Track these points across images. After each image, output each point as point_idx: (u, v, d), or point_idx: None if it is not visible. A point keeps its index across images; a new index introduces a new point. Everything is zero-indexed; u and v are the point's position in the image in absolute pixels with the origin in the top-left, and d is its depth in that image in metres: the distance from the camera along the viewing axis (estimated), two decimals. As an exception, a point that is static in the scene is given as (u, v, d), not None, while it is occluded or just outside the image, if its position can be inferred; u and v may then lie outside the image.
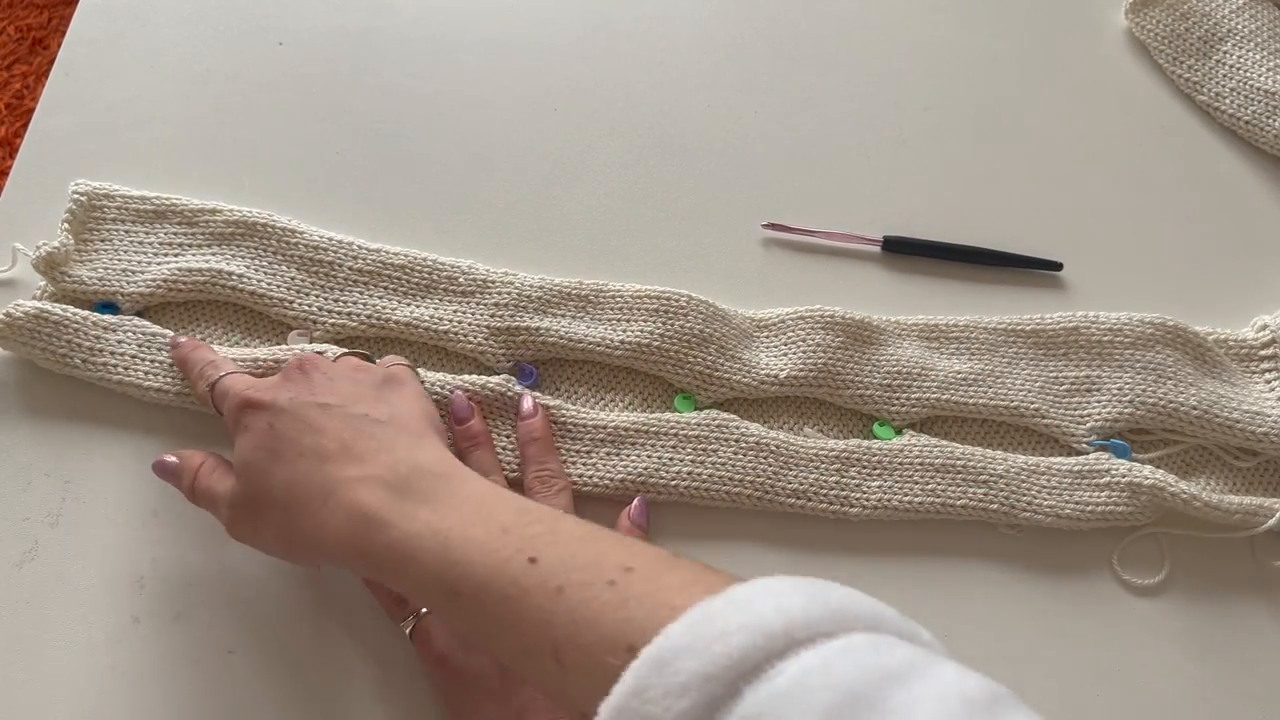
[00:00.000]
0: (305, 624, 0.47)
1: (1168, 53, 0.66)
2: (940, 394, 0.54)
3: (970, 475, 0.52)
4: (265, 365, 0.50)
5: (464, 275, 0.55)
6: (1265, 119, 0.62)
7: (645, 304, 0.54)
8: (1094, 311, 0.57)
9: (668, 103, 0.64)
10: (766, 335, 0.55)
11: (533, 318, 0.54)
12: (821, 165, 0.63)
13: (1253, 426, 0.53)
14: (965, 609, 0.50)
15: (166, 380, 0.51)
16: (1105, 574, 0.52)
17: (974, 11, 0.69)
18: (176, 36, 0.63)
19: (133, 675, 0.46)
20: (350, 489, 0.38)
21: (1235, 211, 0.63)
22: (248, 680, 0.46)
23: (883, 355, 0.55)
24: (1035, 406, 0.54)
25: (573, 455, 0.51)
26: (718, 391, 0.53)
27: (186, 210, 0.56)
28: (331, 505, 0.38)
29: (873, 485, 0.51)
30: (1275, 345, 0.56)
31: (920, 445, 0.53)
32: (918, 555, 0.51)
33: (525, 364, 0.54)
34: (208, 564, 0.48)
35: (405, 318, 0.54)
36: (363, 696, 0.46)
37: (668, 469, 0.51)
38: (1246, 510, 0.51)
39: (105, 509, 0.49)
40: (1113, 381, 0.55)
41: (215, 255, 0.54)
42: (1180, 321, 0.56)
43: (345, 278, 0.54)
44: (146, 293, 0.53)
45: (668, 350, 0.53)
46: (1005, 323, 0.56)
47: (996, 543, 0.52)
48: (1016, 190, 0.63)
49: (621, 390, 0.54)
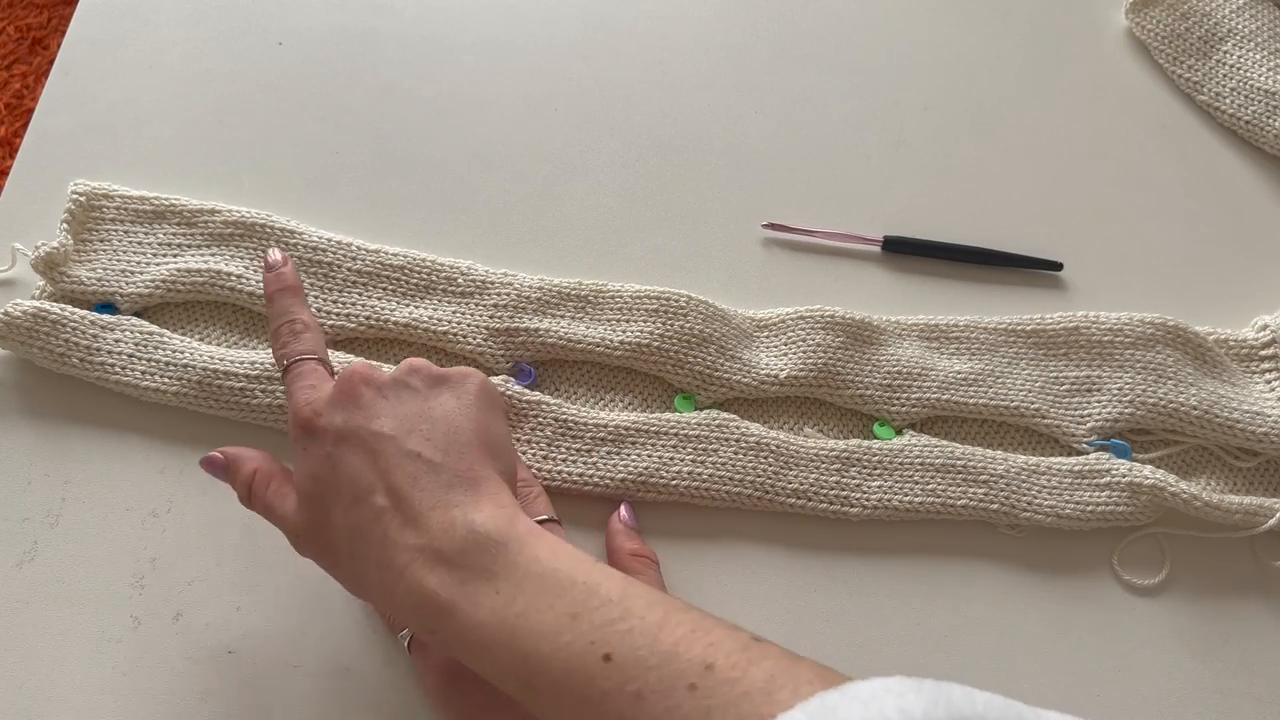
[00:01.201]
0: (306, 624, 0.47)
1: (1168, 52, 0.66)
2: (940, 394, 0.54)
3: (970, 475, 0.52)
4: None
5: (463, 276, 0.55)
6: (1266, 119, 0.62)
7: (645, 304, 0.54)
8: (1094, 311, 0.57)
9: (668, 103, 0.64)
10: (766, 335, 0.55)
11: (531, 318, 0.54)
12: (821, 165, 0.62)
13: (1253, 426, 0.53)
14: (966, 609, 0.50)
15: (164, 380, 0.51)
16: (1105, 574, 0.52)
17: (974, 11, 0.69)
18: (176, 36, 0.63)
19: (133, 675, 0.46)
20: (411, 568, 0.37)
21: (1235, 211, 0.63)
22: (248, 680, 0.46)
23: (883, 355, 0.55)
24: (1035, 406, 0.54)
25: (572, 454, 0.51)
26: (718, 391, 0.53)
27: (185, 210, 0.56)
28: (393, 578, 0.37)
29: (873, 485, 0.51)
30: (1276, 345, 0.56)
31: (920, 445, 0.53)
32: (918, 555, 0.51)
33: (524, 364, 0.54)
34: (208, 564, 0.48)
35: (404, 319, 0.54)
36: (363, 697, 0.46)
37: (668, 469, 0.51)
38: (1246, 510, 0.51)
39: (105, 509, 0.49)
40: (1113, 381, 0.55)
41: (214, 255, 0.54)
42: (1180, 321, 0.56)
43: (344, 279, 0.54)
44: (145, 293, 0.53)
45: (667, 350, 0.53)
46: (1005, 323, 0.56)
47: (997, 543, 0.52)
48: (1016, 190, 0.63)
49: (621, 390, 0.54)
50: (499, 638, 0.35)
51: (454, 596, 0.36)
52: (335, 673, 0.46)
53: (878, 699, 0.28)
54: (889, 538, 0.52)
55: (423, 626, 0.37)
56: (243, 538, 0.49)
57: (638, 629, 0.33)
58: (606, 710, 0.32)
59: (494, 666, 0.35)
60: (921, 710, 0.28)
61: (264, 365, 0.51)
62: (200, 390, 0.51)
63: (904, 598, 0.50)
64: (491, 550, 0.36)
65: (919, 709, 0.28)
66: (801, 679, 0.31)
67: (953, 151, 0.64)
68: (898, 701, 0.28)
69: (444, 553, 0.36)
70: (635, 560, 0.47)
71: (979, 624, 0.50)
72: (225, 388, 0.51)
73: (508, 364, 0.53)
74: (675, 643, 0.33)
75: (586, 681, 0.33)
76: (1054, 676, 0.49)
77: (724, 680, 0.31)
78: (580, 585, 0.35)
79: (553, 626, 0.34)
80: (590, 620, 0.34)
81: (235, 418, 0.51)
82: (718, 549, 0.51)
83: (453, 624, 0.36)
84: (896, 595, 0.50)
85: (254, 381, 0.51)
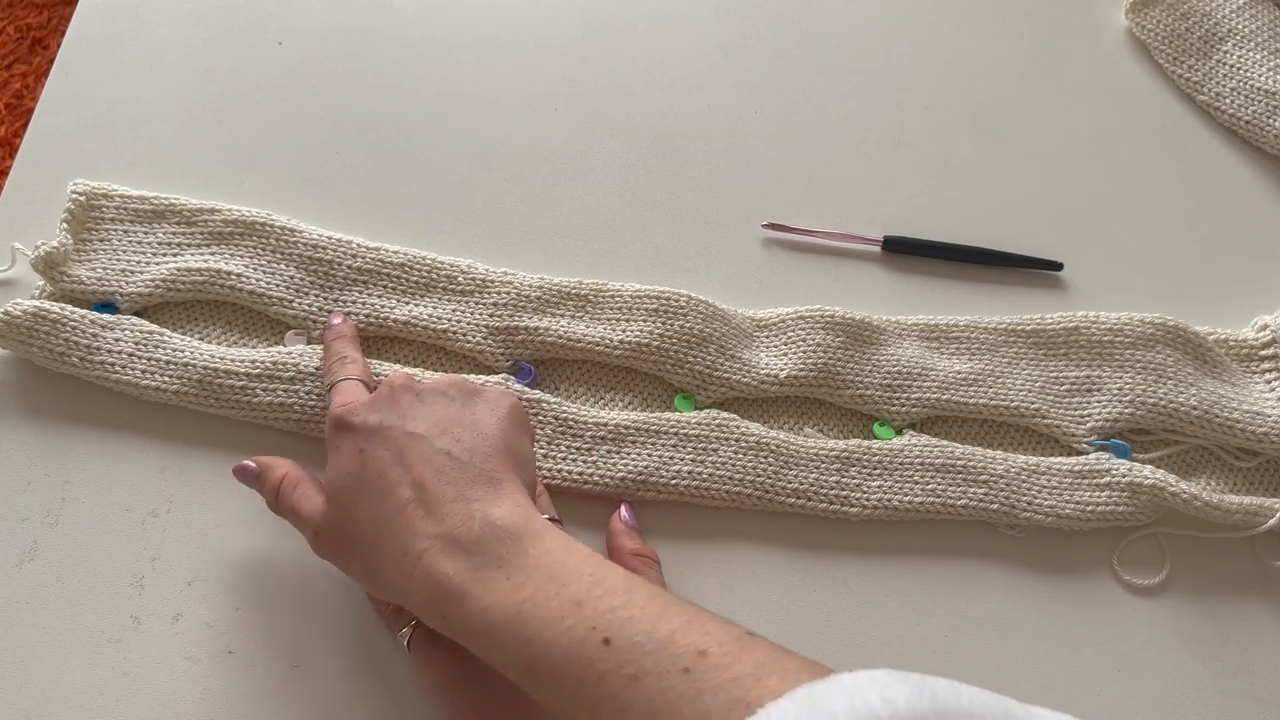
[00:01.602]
0: (306, 624, 0.47)
1: (1168, 52, 0.66)
2: (940, 394, 0.54)
3: (970, 475, 0.52)
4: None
5: (463, 274, 0.55)
6: (1266, 119, 0.62)
7: (645, 304, 0.54)
8: (1094, 311, 0.57)
9: (668, 103, 0.64)
10: (766, 335, 0.55)
11: (531, 317, 0.54)
12: (821, 165, 0.62)
13: (1253, 426, 0.53)
14: (966, 608, 0.50)
15: (164, 379, 0.51)
16: (1105, 574, 0.52)
17: (974, 11, 0.69)
18: (176, 36, 0.63)
19: (133, 675, 0.46)
20: (428, 555, 0.38)
21: (1236, 211, 0.63)
22: (248, 680, 0.46)
23: (883, 355, 0.55)
24: (1035, 406, 0.54)
25: (573, 453, 0.51)
26: (718, 391, 0.53)
27: (185, 210, 0.56)
28: (409, 564, 0.38)
29: (873, 485, 0.51)
30: (1276, 345, 0.56)
31: (920, 445, 0.53)
32: (918, 555, 0.51)
33: (524, 363, 0.54)
34: (208, 564, 0.48)
35: (404, 316, 0.54)
36: (363, 697, 0.46)
37: (668, 468, 0.51)
38: (1246, 510, 0.51)
39: (105, 509, 0.49)
40: (1113, 381, 0.55)
41: (214, 255, 0.54)
42: (1180, 321, 0.56)
43: (344, 276, 0.54)
44: (145, 292, 0.53)
45: (667, 350, 0.53)
46: (1005, 323, 0.56)
47: (997, 543, 0.52)
48: (1016, 190, 0.63)
49: (621, 390, 0.54)
50: (505, 621, 0.36)
51: (465, 581, 0.37)
52: (335, 673, 0.46)
53: (862, 689, 0.29)
54: (889, 538, 0.52)
55: (433, 611, 0.38)
56: (243, 538, 0.49)
57: (638, 617, 0.35)
58: (603, 692, 0.33)
59: (499, 651, 0.36)
60: (905, 700, 0.28)
61: (265, 364, 0.51)
62: (201, 389, 0.51)
63: (904, 597, 0.50)
64: (506, 541, 0.38)
65: (902, 699, 0.28)
66: (790, 668, 0.32)
67: (953, 151, 0.64)
68: (882, 692, 0.28)
69: (460, 541, 0.38)
70: (637, 560, 0.47)
71: (979, 623, 0.50)
72: (226, 386, 0.51)
73: (507, 362, 0.53)
74: (672, 631, 0.34)
75: (586, 665, 0.34)
76: (1054, 676, 0.49)
77: (716, 665, 0.32)
78: (587, 576, 0.37)
79: (557, 612, 0.35)
80: (594, 607, 0.35)
81: (236, 416, 0.51)
82: (718, 549, 0.51)
83: (461, 608, 0.37)
84: (896, 595, 0.50)
85: (255, 380, 0.51)
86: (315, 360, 0.51)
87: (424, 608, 0.39)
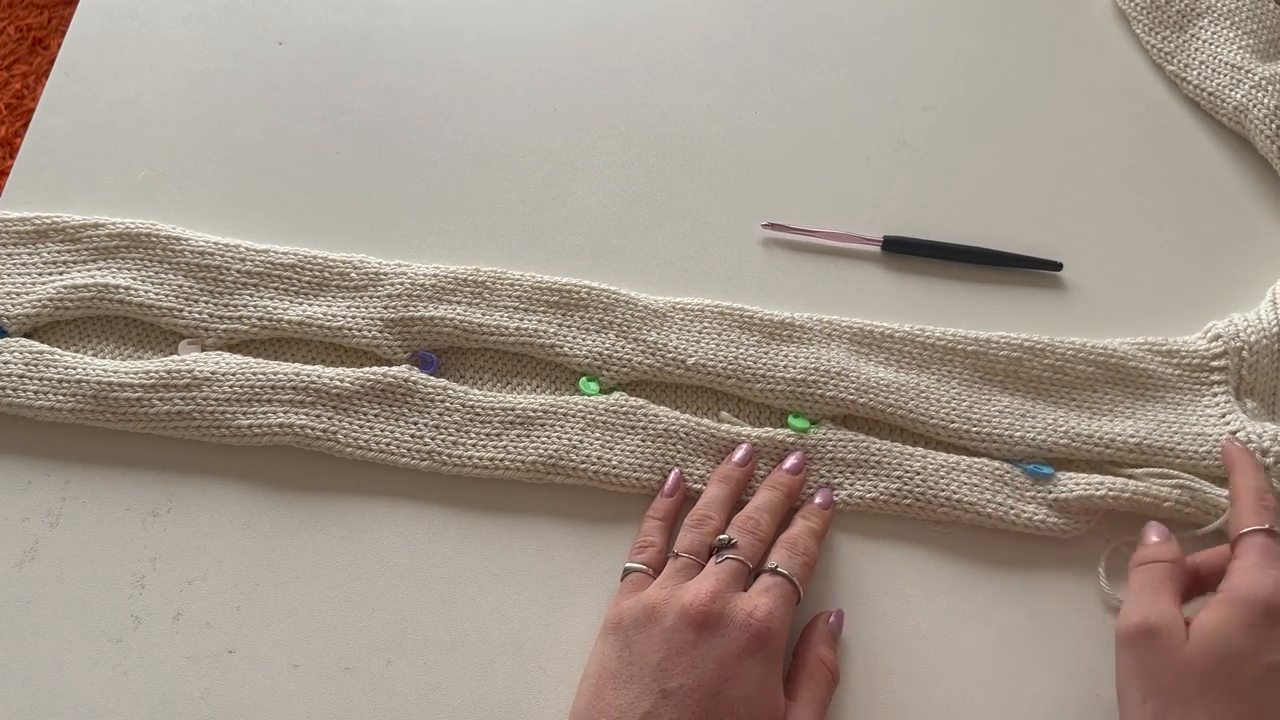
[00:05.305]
0: (305, 624, 0.47)
1: (1145, 22, 0.67)
2: (857, 396, 0.53)
3: (884, 471, 0.51)
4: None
5: (355, 270, 0.55)
6: (1227, 91, 0.63)
7: (545, 296, 0.54)
8: (1045, 337, 0.55)
9: (668, 103, 0.64)
10: (681, 316, 0.55)
11: (426, 306, 0.54)
12: (821, 165, 0.62)
13: (1194, 447, 0.52)
14: (965, 609, 0.50)
15: (58, 398, 0.50)
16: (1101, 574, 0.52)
17: (974, 11, 0.69)
18: (176, 36, 0.63)
19: (133, 675, 0.46)
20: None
21: (1236, 212, 0.63)
22: (248, 680, 0.46)
23: (801, 353, 0.54)
24: (956, 426, 0.53)
25: (483, 439, 0.51)
26: (619, 372, 0.53)
27: (69, 227, 0.55)
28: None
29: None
30: (1228, 356, 0.55)
31: (835, 439, 0.52)
32: (911, 550, 0.51)
33: (425, 353, 0.54)
34: (208, 564, 0.48)
35: (297, 317, 0.53)
36: (363, 697, 0.46)
37: (577, 452, 0.51)
38: (1187, 489, 0.50)
39: (105, 509, 0.49)
40: (1046, 414, 0.53)
41: (100, 269, 0.54)
42: (1125, 354, 0.55)
43: (234, 281, 0.54)
44: (33, 313, 0.53)
45: (564, 335, 0.53)
46: (946, 339, 0.55)
47: (996, 543, 0.52)
48: (1016, 190, 0.62)
49: (527, 375, 0.54)
50: None
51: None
52: (335, 673, 0.46)
53: None
54: (870, 529, 0.52)
55: None
56: (243, 538, 0.49)
57: None
58: None
59: None
60: None
61: (158, 374, 0.51)
62: (97, 404, 0.50)
63: (900, 594, 0.50)
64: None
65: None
66: None
67: (953, 151, 0.64)
68: None
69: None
70: (820, 668, 0.46)
71: (979, 624, 0.50)
72: (122, 399, 0.50)
73: (406, 354, 0.53)
74: None
75: None
76: (1054, 676, 0.49)
77: None
78: None
79: None
80: None
81: (135, 429, 0.50)
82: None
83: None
84: (893, 593, 0.50)
85: (150, 390, 0.50)
86: (210, 365, 0.51)
87: None
